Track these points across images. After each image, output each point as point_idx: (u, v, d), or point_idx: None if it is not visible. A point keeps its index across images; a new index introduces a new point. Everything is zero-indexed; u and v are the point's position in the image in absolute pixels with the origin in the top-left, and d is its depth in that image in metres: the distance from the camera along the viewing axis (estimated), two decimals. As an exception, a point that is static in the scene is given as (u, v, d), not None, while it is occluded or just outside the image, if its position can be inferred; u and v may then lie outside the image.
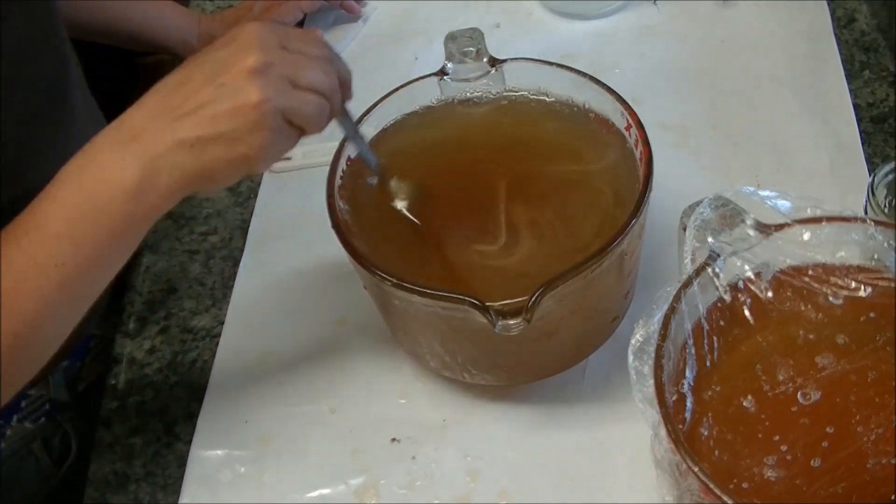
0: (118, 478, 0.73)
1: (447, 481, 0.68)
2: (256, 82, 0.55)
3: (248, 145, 0.56)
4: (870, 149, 0.83)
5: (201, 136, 0.55)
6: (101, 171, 0.56)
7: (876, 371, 0.58)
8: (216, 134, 0.55)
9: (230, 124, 0.55)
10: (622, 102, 0.68)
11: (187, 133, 0.55)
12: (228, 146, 0.56)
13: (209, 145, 0.56)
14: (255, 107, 0.55)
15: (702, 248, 0.60)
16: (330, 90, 0.59)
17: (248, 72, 0.55)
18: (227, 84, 0.55)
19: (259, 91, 0.55)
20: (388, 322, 0.71)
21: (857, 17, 0.94)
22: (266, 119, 0.56)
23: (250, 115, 0.55)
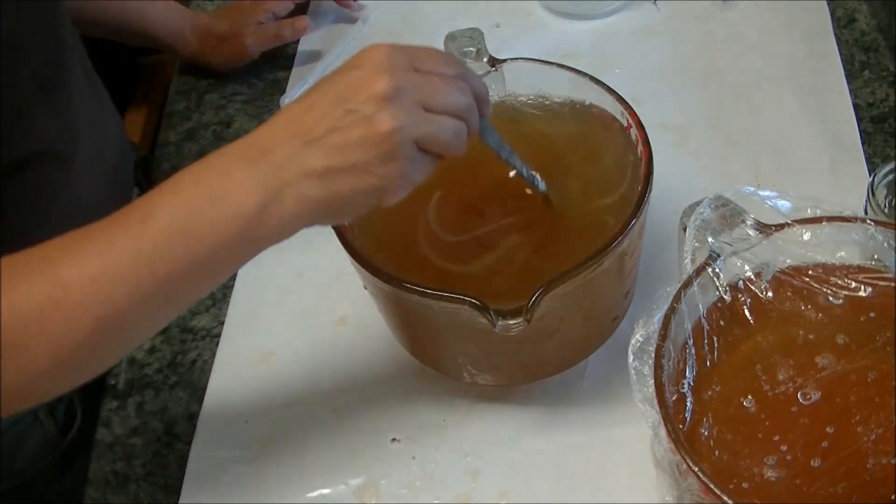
0: (118, 478, 0.73)
1: (447, 481, 0.68)
2: (388, 109, 0.52)
3: (380, 177, 0.53)
4: (870, 149, 0.83)
5: (330, 167, 0.52)
6: (223, 183, 0.53)
7: (876, 371, 0.58)
8: (347, 164, 0.53)
9: (361, 155, 0.52)
10: (622, 102, 0.68)
11: (316, 162, 0.52)
12: (359, 178, 0.53)
13: (339, 176, 0.53)
14: (387, 136, 0.52)
15: (702, 248, 0.60)
16: (466, 110, 0.56)
17: (378, 98, 0.52)
18: (357, 111, 0.52)
19: (391, 119, 0.52)
20: (388, 322, 0.71)
21: (857, 17, 0.94)
22: (399, 149, 0.53)
23: (382, 145, 0.52)
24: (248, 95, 0.99)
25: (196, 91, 0.99)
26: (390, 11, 1.04)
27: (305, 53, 1.02)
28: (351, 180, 0.53)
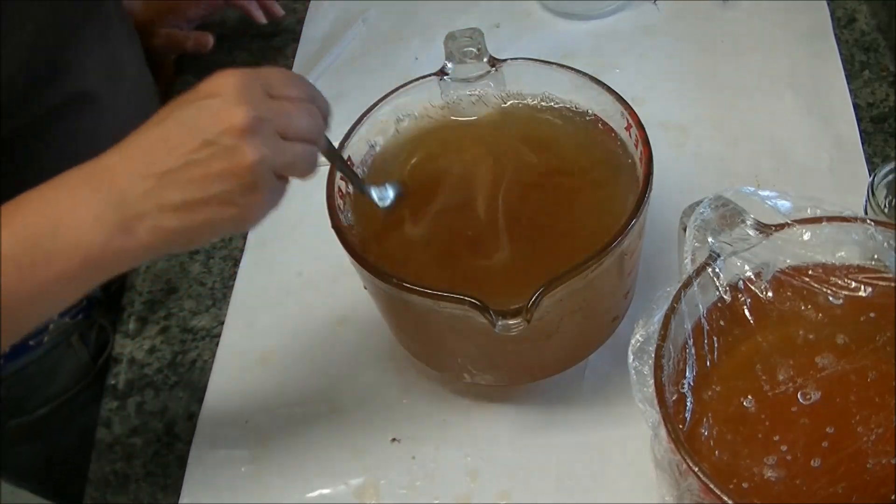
0: (118, 478, 0.73)
1: (447, 481, 0.68)
2: (249, 142, 0.52)
3: (241, 207, 0.53)
4: (870, 149, 0.83)
5: (188, 200, 0.52)
6: (72, 210, 0.52)
7: (876, 371, 0.58)
8: (206, 196, 0.52)
9: (221, 186, 0.52)
10: (622, 102, 0.68)
11: (174, 196, 0.52)
12: (219, 209, 0.53)
13: (198, 208, 0.52)
14: (250, 168, 0.52)
15: (702, 248, 0.60)
16: (318, 134, 0.57)
17: (239, 130, 0.52)
18: (217, 142, 0.52)
19: (253, 152, 0.52)
20: (388, 322, 0.71)
21: (857, 17, 0.94)
22: (261, 179, 0.53)
23: (245, 176, 0.52)
24: (248, 95, 0.99)
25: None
26: (390, 11, 1.04)
27: (305, 54, 1.02)
28: (210, 211, 0.53)
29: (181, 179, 0.52)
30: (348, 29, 1.03)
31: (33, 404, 0.88)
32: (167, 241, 0.53)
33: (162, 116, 0.54)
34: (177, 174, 0.52)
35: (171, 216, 0.52)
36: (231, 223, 0.54)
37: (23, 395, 0.87)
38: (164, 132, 0.53)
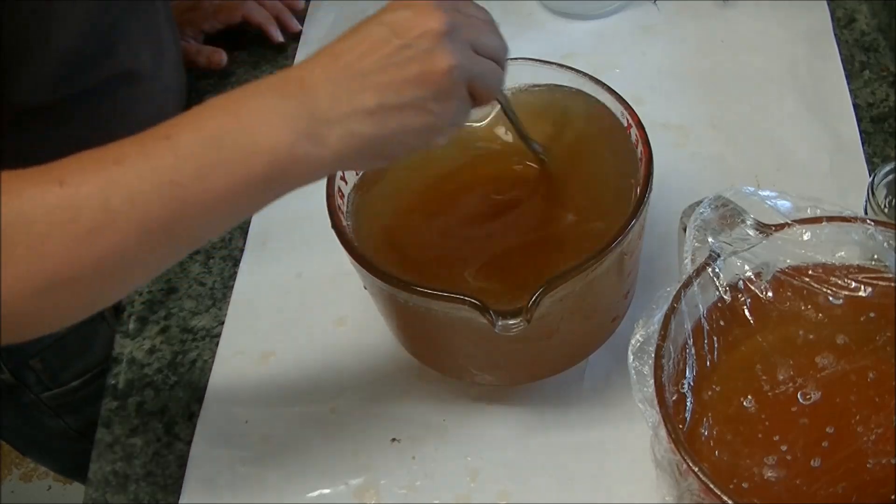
0: (118, 478, 0.73)
1: (447, 481, 0.68)
2: (445, 46, 0.51)
3: (434, 114, 0.51)
4: (870, 149, 0.83)
5: (383, 104, 0.50)
6: (261, 114, 0.50)
7: (876, 371, 0.58)
8: (400, 102, 0.50)
9: (417, 91, 0.51)
10: (622, 102, 0.68)
11: (368, 99, 0.50)
12: (413, 115, 0.51)
13: (392, 114, 0.51)
14: (446, 73, 0.51)
15: (702, 248, 0.60)
16: (505, 55, 0.56)
17: (435, 34, 0.50)
18: (412, 46, 0.50)
19: (449, 56, 0.50)
20: (388, 322, 0.71)
21: (857, 17, 0.94)
22: (455, 86, 0.51)
23: (441, 81, 0.51)
24: (248, 95, 0.99)
25: (196, 91, 0.99)
26: (390, 11, 1.04)
27: (305, 53, 1.01)
28: (404, 118, 0.51)
29: (377, 82, 0.50)
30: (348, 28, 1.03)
31: (67, 377, 0.89)
32: (357, 149, 0.51)
33: (354, 28, 0.53)
34: (372, 77, 0.50)
35: (364, 121, 0.50)
36: (424, 132, 0.52)
37: (58, 367, 0.88)
38: (359, 38, 0.52)
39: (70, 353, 0.89)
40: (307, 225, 0.84)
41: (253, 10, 1.01)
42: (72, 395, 0.91)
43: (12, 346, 0.82)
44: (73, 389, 0.91)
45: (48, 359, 0.88)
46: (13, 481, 1.74)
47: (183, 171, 0.49)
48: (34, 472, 1.74)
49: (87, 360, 0.90)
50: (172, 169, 0.49)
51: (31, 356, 0.87)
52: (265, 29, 1.01)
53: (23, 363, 0.87)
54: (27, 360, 0.87)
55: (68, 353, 0.89)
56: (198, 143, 0.50)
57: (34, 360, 0.87)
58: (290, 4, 1.04)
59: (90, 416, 0.80)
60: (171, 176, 0.49)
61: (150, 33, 0.81)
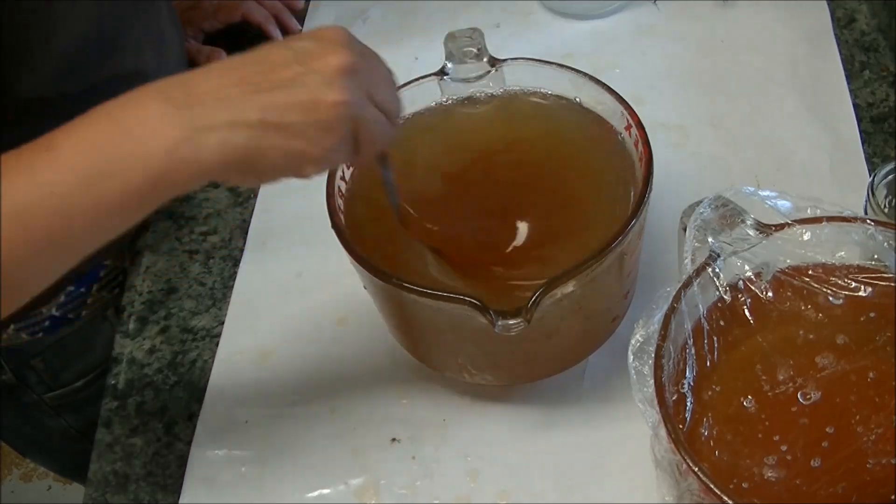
0: (118, 478, 0.73)
1: (447, 481, 0.68)
2: (341, 81, 0.52)
3: (313, 144, 0.53)
4: (870, 149, 0.83)
5: (264, 120, 0.51)
6: (141, 122, 0.51)
7: (876, 371, 0.58)
8: (282, 122, 0.52)
9: (301, 117, 0.52)
10: (622, 102, 0.68)
11: (251, 112, 0.51)
12: (290, 138, 0.52)
13: (270, 131, 0.51)
14: (333, 106, 0.52)
15: (702, 248, 0.60)
16: (395, 115, 0.58)
17: (335, 69, 0.52)
18: (311, 74, 0.52)
19: (341, 92, 0.52)
20: (388, 322, 0.71)
21: (857, 17, 0.94)
22: (339, 122, 0.53)
23: (327, 112, 0.52)
24: (248, 95, 0.99)
25: (196, 91, 0.99)
26: (390, 11, 1.04)
27: (305, 53, 1.02)
28: (281, 138, 0.52)
29: (264, 99, 0.52)
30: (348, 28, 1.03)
31: (69, 377, 0.90)
32: (231, 159, 0.51)
33: (260, 48, 0.54)
34: (263, 94, 0.52)
35: (242, 133, 0.51)
36: (296, 157, 0.53)
37: (59, 367, 0.89)
38: (260, 56, 0.53)
39: (71, 353, 0.89)
40: (307, 225, 0.84)
41: (252, 9, 1.02)
42: (73, 395, 0.92)
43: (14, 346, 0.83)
44: (74, 390, 0.91)
45: (49, 359, 0.88)
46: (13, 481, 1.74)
47: (64, 182, 0.50)
48: (34, 472, 1.74)
49: (88, 360, 0.91)
50: (53, 181, 0.50)
51: (33, 356, 0.87)
52: (264, 28, 1.01)
53: (24, 363, 0.87)
54: (28, 360, 0.87)
55: (70, 353, 0.89)
56: (79, 153, 0.50)
57: (35, 360, 0.87)
58: (290, 4, 1.04)
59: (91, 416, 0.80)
60: (52, 188, 0.50)
61: (152, 33, 0.81)
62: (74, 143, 0.51)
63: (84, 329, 0.88)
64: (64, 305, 0.85)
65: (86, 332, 0.88)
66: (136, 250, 0.87)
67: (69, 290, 0.85)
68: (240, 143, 0.51)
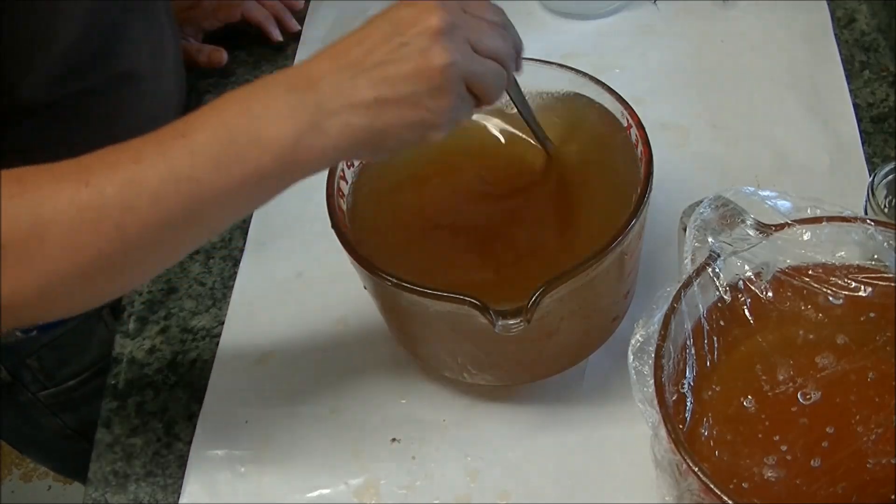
0: (118, 478, 0.73)
1: (447, 481, 0.68)
2: (441, 43, 0.53)
3: (429, 110, 0.53)
4: (870, 149, 0.83)
5: (379, 98, 0.53)
6: (269, 108, 0.53)
7: (876, 371, 0.58)
8: (396, 96, 0.53)
9: (412, 87, 0.53)
10: (622, 102, 0.68)
11: (365, 93, 0.53)
12: (408, 110, 0.53)
13: (388, 107, 0.53)
14: (441, 70, 0.53)
15: (702, 248, 0.60)
16: (508, 58, 0.57)
17: (433, 32, 0.53)
18: (410, 43, 0.53)
19: (444, 53, 0.53)
20: (388, 322, 0.71)
21: (857, 17, 0.94)
22: (450, 83, 0.53)
23: (435, 78, 0.53)
24: (248, 95, 0.99)
25: (196, 91, 0.99)
26: (390, 11, 1.04)
27: (305, 53, 1.02)
28: (399, 112, 0.53)
29: (373, 77, 0.53)
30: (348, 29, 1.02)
31: (64, 376, 0.90)
32: (355, 140, 0.53)
33: (364, 24, 0.55)
34: (369, 72, 0.53)
35: (360, 114, 0.53)
36: (419, 127, 0.54)
37: (54, 365, 0.89)
38: (362, 35, 0.55)
39: (67, 351, 0.89)
40: (307, 225, 0.84)
41: (252, 8, 1.02)
42: (69, 393, 0.91)
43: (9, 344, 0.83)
44: (70, 388, 0.91)
45: (45, 357, 0.88)
46: (13, 481, 1.74)
47: (198, 167, 0.53)
48: (34, 472, 1.74)
49: (83, 360, 0.91)
50: (189, 166, 0.53)
51: (28, 355, 0.87)
52: (264, 27, 1.01)
53: (20, 361, 0.87)
54: (24, 358, 0.87)
55: (65, 351, 0.89)
56: (211, 139, 0.53)
57: (31, 359, 0.87)
58: (290, 4, 1.04)
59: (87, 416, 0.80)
60: (187, 172, 0.52)
61: (150, 33, 0.81)
62: (207, 129, 0.53)
63: (79, 328, 0.88)
64: None
65: (81, 330, 0.88)
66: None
67: None
68: (362, 124, 0.53)
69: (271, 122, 0.53)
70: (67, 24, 0.69)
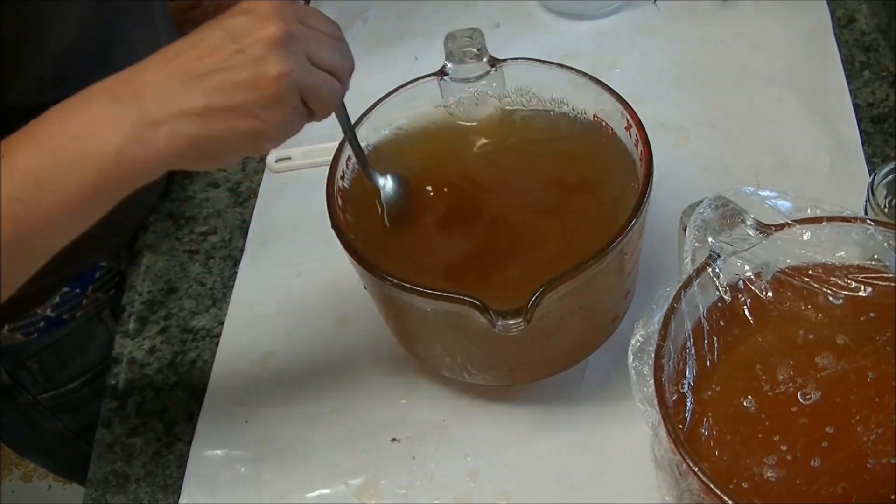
0: (118, 478, 0.73)
1: (447, 481, 0.68)
2: (278, 53, 0.52)
3: (262, 120, 0.52)
4: (870, 149, 0.82)
5: (210, 106, 0.51)
6: (90, 122, 0.51)
7: (876, 371, 0.58)
8: (229, 105, 0.51)
9: (245, 96, 0.52)
10: (622, 102, 0.68)
11: (196, 101, 0.51)
12: (240, 120, 0.52)
13: (218, 116, 0.52)
14: (276, 80, 0.52)
15: (702, 248, 0.60)
16: (343, 72, 0.57)
17: (270, 41, 0.52)
18: (246, 51, 0.51)
19: (281, 63, 0.52)
20: (388, 322, 0.71)
21: (857, 17, 0.94)
22: (285, 94, 0.52)
23: (270, 88, 0.52)
24: (248, 95, 0.99)
25: (196, 91, 0.99)
26: (390, 11, 1.04)
27: (305, 53, 1.02)
28: (231, 121, 0.52)
29: (206, 85, 0.51)
30: (348, 29, 1.03)
31: (64, 378, 0.90)
32: (183, 150, 0.52)
33: (195, 31, 0.54)
34: (202, 79, 0.51)
35: (190, 122, 0.51)
36: (251, 137, 0.53)
37: (54, 368, 0.89)
38: (196, 40, 0.53)
39: (67, 354, 0.89)
40: (307, 225, 0.84)
41: None
42: (69, 396, 0.92)
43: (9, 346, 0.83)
44: (70, 391, 0.91)
45: (45, 360, 0.88)
46: (13, 481, 1.74)
47: (21, 188, 0.51)
48: (34, 472, 1.74)
49: (83, 362, 0.91)
50: (11, 187, 0.51)
51: (28, 357, 0.87)
52: None
53: (20, 364, 0.87)
54: (24, 360, 0.87)
55: (65, 354, 0.89)
56: (32, 158, 0.51)
57: (31, 361, 0.87)
58: None
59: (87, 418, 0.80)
60: (10, 194, 0.51)
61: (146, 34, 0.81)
62: (28, 148, 0.51)
63: (79, 330, 0.88)
64: (59, 307, 0.85)
65: (81, 333, 0.88)
66: (136, 250, 0.87)
67: (64, 291, 0.85)
68: (190, 133, 0.52)
69: (92, 135, 0.51)
70: (60, 28, 0.69)
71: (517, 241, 0.67)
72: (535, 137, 0.72)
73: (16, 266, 0.54)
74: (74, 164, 0.51)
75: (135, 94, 0.52)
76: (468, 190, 0.71)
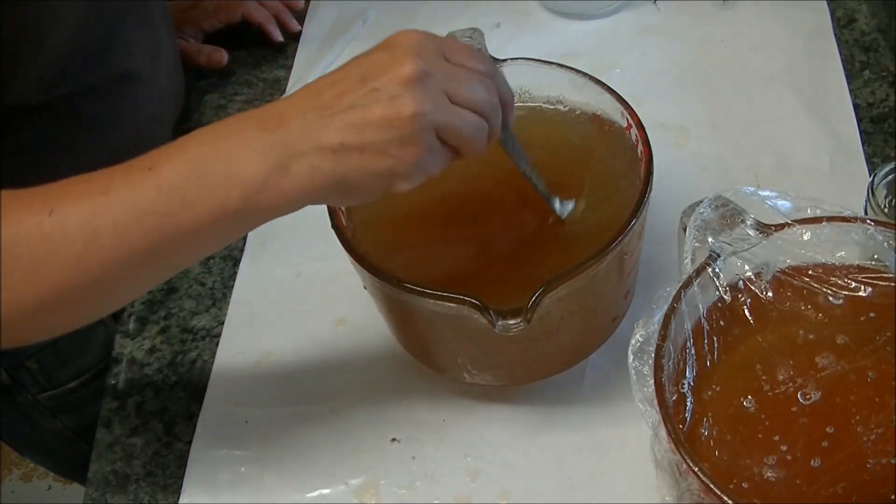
0: (118, 478, 0.73)
1: (447, 481, 0.68)
2: (412, 92, 0.51)
3: (396, 160, 0.52)
4: (870, 149, 0.83)
5: (345, 143, 0.51)
6: (233, 147, 0.52)
7: (876, 371, 0.58)
8: (361, 142, 0.51)
9: (378, 134, 0.51)
10: (622, 102, 0.68)
11: (332, 137, 0.51)
12: (373, 158, 0.52)
13: (353, 153, 0.51)
14: (409, 119, 0.51)
15: (702, 248, 0.60)
16: (490, 109, 0.55)
17: (405, 79, 0.51)
18: (381, 89, 0.51)
19: (414, 102, 0.51)
20: (388, 322, 0.71)
21: (857, 17, 0.94)
22: (419, 134, 0.51)
23: (403, 127, 0.51)
24: (248, 95, 0.99)
25: (196, 91, 0.99)
26: (390, 11, 1.04)
27: (305, 53, 1.02)
28: (364, 159, 0.52)
29: (341, 121, 0.51)
30: (348, 29, 1.03)
31: (64, 378, 0.90)
32: (320, 185, 0.52)
33: (341, 66, 0.54)
34: (338, 116, 0.51)
35: (325, 158, 0.51)
36: (385, 176, 0.53)
37: (54, 367, 0.89)
38: (336, 77, 0.53)
39: (66, 354, 0.89)
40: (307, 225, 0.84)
41: (253, 9, 1.02)
42: (68, 395, 0.92)
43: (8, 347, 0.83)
44: (69, 390, 0.91)
45: (44, 360, 0.88)
46: (13, 481, 1.74)
47: (164, 202, 0.52)
48: (34, 472, 1.74)
49: (83, 362, 0.91)
50: (154, 201, 0.51)
51: (28, 357, 0.87)
52: (265, 28, 1.01)
53: (19, 364, 0.87)
54: (23, 360, 0.87)
55: (64, 354, 0.89)
56: (179, 174, 0.52)
57: (30, 361, 0.87)
58: (290, 4, 1.04)
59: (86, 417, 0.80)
60: (153, 207, 0.51)
61: (146, 34, 0.81)
62: (175, 164, 0.52)
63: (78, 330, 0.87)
64: None
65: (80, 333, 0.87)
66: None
67: None
68: (327, 169, 0.52)
69: (240, 160, 0.51)
70: (58, 26, 0.69)
71: (517, 241, 0.67)
72: (534, 137, 0.72)
73: (142, 277, 0.55)
74: (221, 185, 0.51)
75: (281, 125, 0.52)
76: (468, 190, 0.71)
